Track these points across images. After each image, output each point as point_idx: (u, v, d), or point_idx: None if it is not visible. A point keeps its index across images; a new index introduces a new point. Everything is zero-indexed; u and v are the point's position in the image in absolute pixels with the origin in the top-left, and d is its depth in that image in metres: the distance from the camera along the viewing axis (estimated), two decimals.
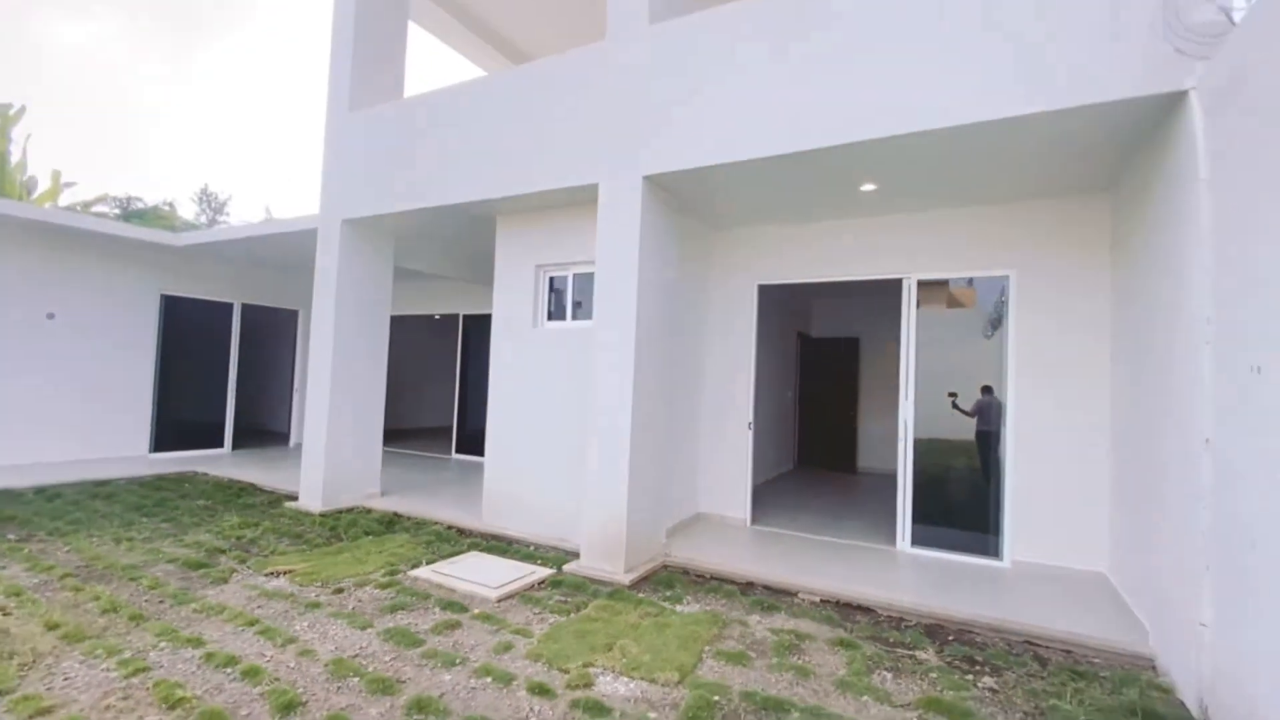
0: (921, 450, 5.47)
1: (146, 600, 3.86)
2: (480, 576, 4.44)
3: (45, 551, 4.70)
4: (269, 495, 7.01)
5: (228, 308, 9.99)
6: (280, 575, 4.38)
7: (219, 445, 9.88)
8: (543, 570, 4.65)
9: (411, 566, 4.64)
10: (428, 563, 4.74)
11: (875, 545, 5.52)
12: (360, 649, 3.30)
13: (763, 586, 4.52)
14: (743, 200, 5.46)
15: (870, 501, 7.55)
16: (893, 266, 5.63)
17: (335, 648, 3.30)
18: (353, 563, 4.70)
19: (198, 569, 4.44)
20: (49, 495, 6.40)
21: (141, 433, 9.03)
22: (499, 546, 5.29)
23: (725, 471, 6.34)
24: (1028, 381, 5.06)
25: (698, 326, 6.40)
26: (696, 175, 4.76)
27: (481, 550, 5.15)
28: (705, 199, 5.42)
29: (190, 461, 8.84)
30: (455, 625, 3.66)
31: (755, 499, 6.34)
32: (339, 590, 4.15)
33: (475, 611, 3.87)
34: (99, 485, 6.97)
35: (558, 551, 5.20)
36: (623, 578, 4.52)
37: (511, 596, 4.18)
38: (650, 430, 5.00)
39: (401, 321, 8.95)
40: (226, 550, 4.90)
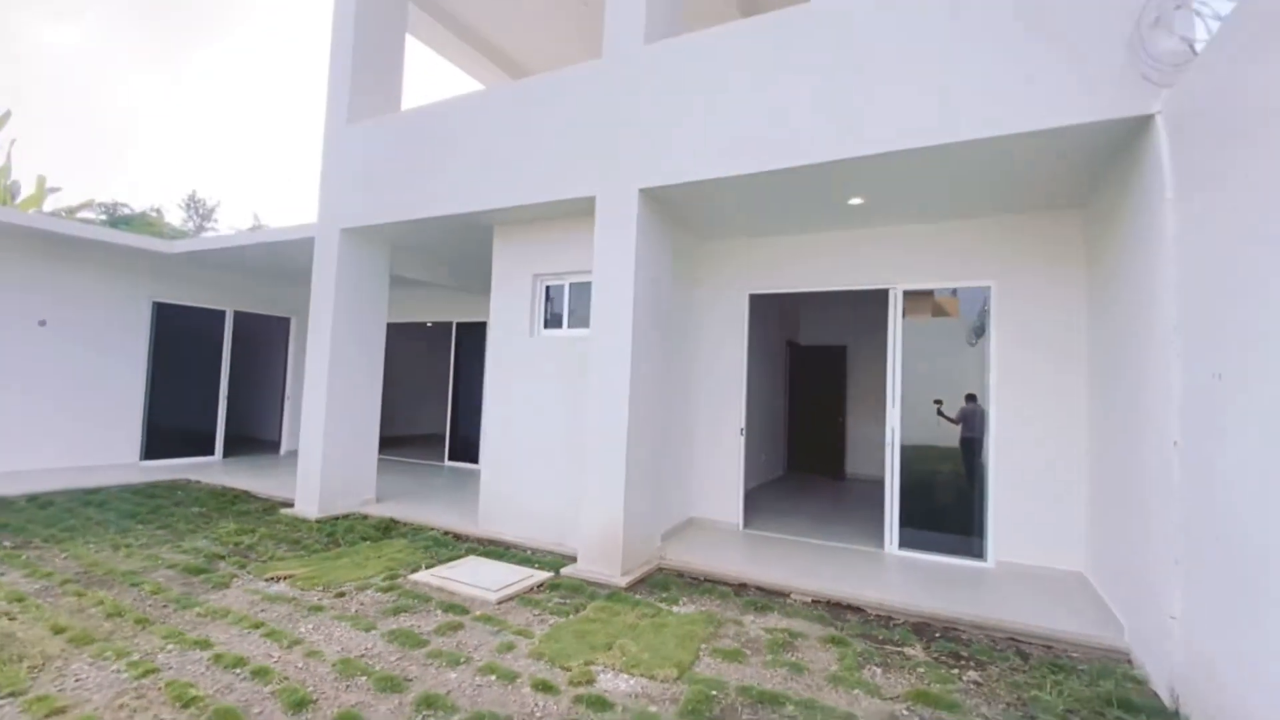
0: (908, 456, 5.64)
1: (150, 605, 3.90)
2: (480, 580, 4.52)
3: (42, 558, 4.71)
4: (263, 502, 7.03)
5: (219, 315, 9.99)
6: (281, 580, 4.43)
7: (210, 453, 9.84)
8: (541, 573, 4.75)
9: (411, 571, 4.71)
10: (427, 567, 4.81)
11: (864, 548, 5.67)
12: (366, 650, 3.38)
13: (756, 588, 4.64)
14: (735, 213, 5.63)
15: (859, 506, 7.71)
16: (879, 277, 5.82)
17: (341, 648, 3.37)
18: (352, 567, 4.76)
19: (198, 574, 4.48)
20: (41, 503, 6.38)
21: (133, 440, 8.98)
22: (496, 551, 5.37)
23: (718, 477, 6.46)
24: (1009, 389, 5.25)
25: (691, 335, 6.54)
26: (690, 189, 4.92)
27: (479, 555, 5.22)
28: (699, 211, 5.59)
29: (181, 469, 8.81)
30: (458, 626, 3.74)
31: (747, 504, 6.47)
32: (341, 594, 4.21)
33: (476, 613, 3.95)
34: (91, 493, 6.95)
35: (554, 555, 5.28)
36: (620, 580, 4.62)
37: (511, 599, 4.26)
38: (646, 436, 5.12)
39: (394, 329, 8.99)
40: (225, 556, 4.94)
